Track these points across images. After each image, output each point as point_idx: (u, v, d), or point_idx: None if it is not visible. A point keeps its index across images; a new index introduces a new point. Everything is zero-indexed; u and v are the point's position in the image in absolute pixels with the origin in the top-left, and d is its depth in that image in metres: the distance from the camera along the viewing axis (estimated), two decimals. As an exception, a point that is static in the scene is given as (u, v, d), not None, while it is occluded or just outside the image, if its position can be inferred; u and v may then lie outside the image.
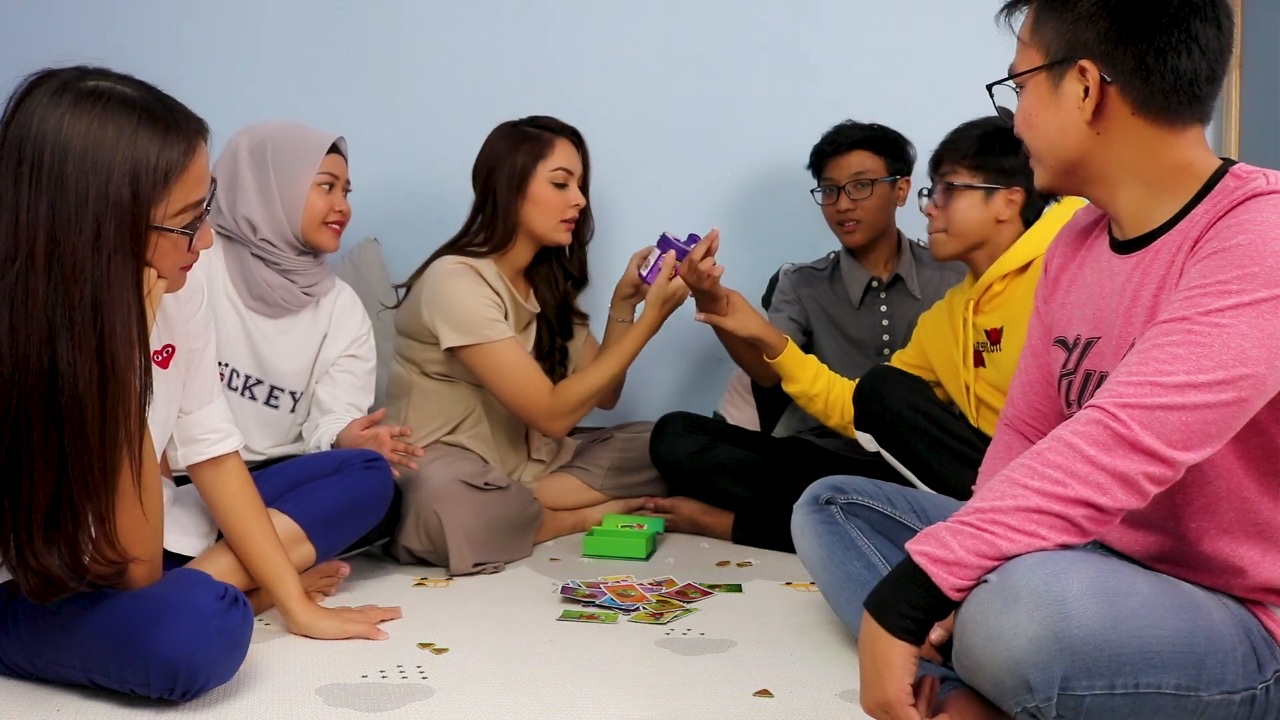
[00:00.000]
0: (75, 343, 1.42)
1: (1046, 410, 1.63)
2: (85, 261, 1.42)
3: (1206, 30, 1.36)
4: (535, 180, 2.59)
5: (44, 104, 1.43)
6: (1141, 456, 1.24)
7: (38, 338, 1.41)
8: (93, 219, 1.42)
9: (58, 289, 1.41)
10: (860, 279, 2.83)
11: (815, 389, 2.57)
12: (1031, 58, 1.43)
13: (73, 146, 1.42)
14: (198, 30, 3.14)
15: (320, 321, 2.42)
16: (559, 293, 2.76)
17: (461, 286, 2.54)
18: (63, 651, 1.61)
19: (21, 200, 1.41)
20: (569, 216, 2.63)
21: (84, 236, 1.42)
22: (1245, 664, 1.31)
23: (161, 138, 1.46)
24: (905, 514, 1.83)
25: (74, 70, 1.48)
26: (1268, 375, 1.25)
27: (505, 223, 2.61)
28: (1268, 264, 1.25)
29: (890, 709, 1.29)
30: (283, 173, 2.31)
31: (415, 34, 3.16)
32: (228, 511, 1.90)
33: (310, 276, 2.37)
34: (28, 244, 1.41)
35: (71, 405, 1.42)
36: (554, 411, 2.56)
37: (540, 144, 2.61)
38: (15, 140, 1.43)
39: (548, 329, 2.75)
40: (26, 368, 1.41)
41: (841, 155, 2.76)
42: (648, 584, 2.25)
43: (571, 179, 2.63)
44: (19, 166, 1.42)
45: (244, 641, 1.63)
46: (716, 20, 3.14)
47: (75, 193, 1.42)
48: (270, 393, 2.38)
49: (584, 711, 1.63)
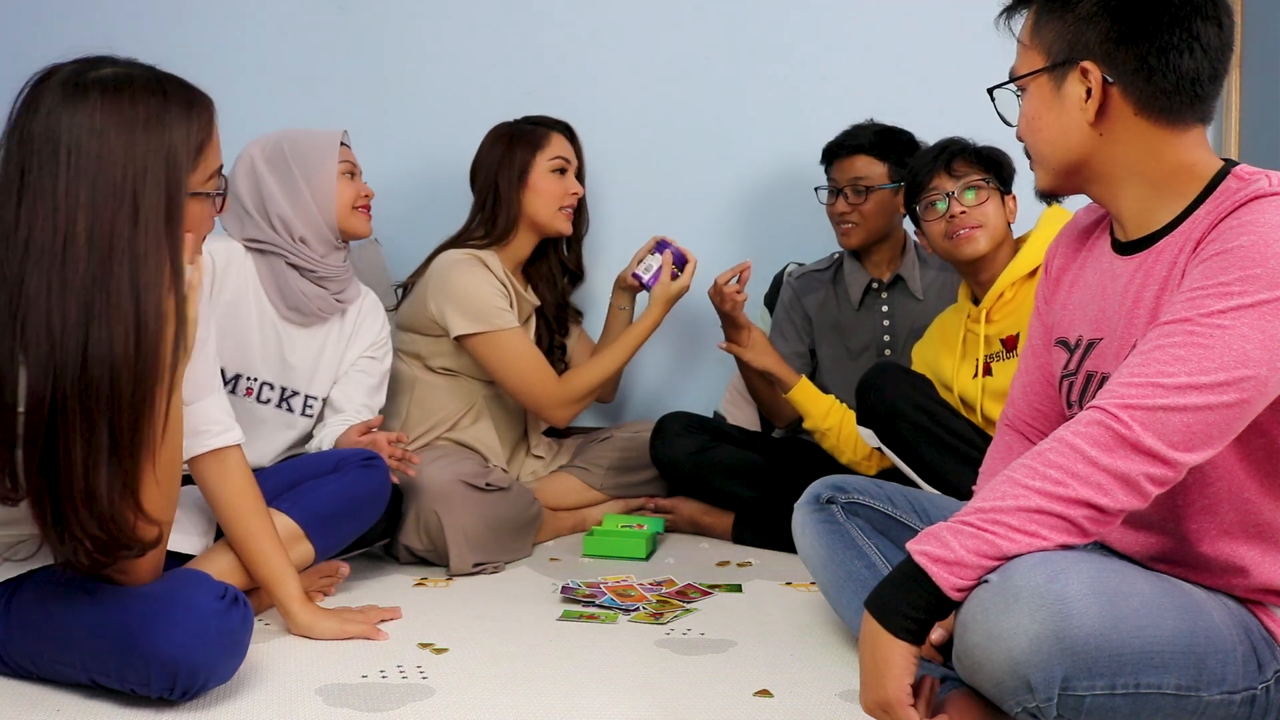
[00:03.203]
0: (111, 314, 1.48)
1: (1047, 411, 1.63)
2: (123, 235, 1.49)
3: (1208, 29, 1.36)
4: (535, 169, 2.68)
5: (69, 98, 1.50)
6: (1143, 458, 1.24)
7: (75, 316, 1.47)
8: (131, 193, 1.50)
9: (96, 264, 1.48)
10: (861, 280, 2.83)
11: (827, 424, 2.66)
12: (1032, 60, 1.43)
13: (108, 131, 1.50)
14: (198, 30, 3.13)
15: (347, 327, 2.45)
16: (557, 289, 2.83)
17: (471, 275, 2.58)
18: (64, 650, 1.61)
19: (60, 187, 1.48)
20: (568, 204, 2.71)
21: (123, 211, 1.50)
22: (1245, 664, 1.31)
23: (186, 112, 1.56)
24: (906, 513, 1.83)
25: (81, 63, 1.55)
26: (1269, 377, 1.25)
27: (507, 214, 2.68)
28: (1270, 266, 1.25)
29: (890, 709, 1.29)
30: (306, 168, 2.34)
31: (415, 34, 3.16)
32: (229, 509, 1.90)
33: (341, 283, 2.40)
34: (67, 226, 1.48)
35: (103, 374, 1.48)
36: (561, 400, 2.61)
37: (537, 136, 2.70)
38: (46, 134, 1.49)
39: (546, 325, 2.80)
40: (65, 341, 1.46)
41: (846, 158, 2.77)
42: (648, 584, 2.25)
43: (569, 167, 2.72)
44: (55, 157, 1.48)
45: (244, 641, 1.63)
46: (716, 20, 3.14)
47: (113, 173, 1.50)
48: (305, 403, 2.40)
49: (584, 711, 1.63)
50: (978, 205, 2.33)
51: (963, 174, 2.35)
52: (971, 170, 2.35)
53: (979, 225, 2.32)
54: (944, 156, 2.37)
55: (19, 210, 1.48)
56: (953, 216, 2.33)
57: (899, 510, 1.83)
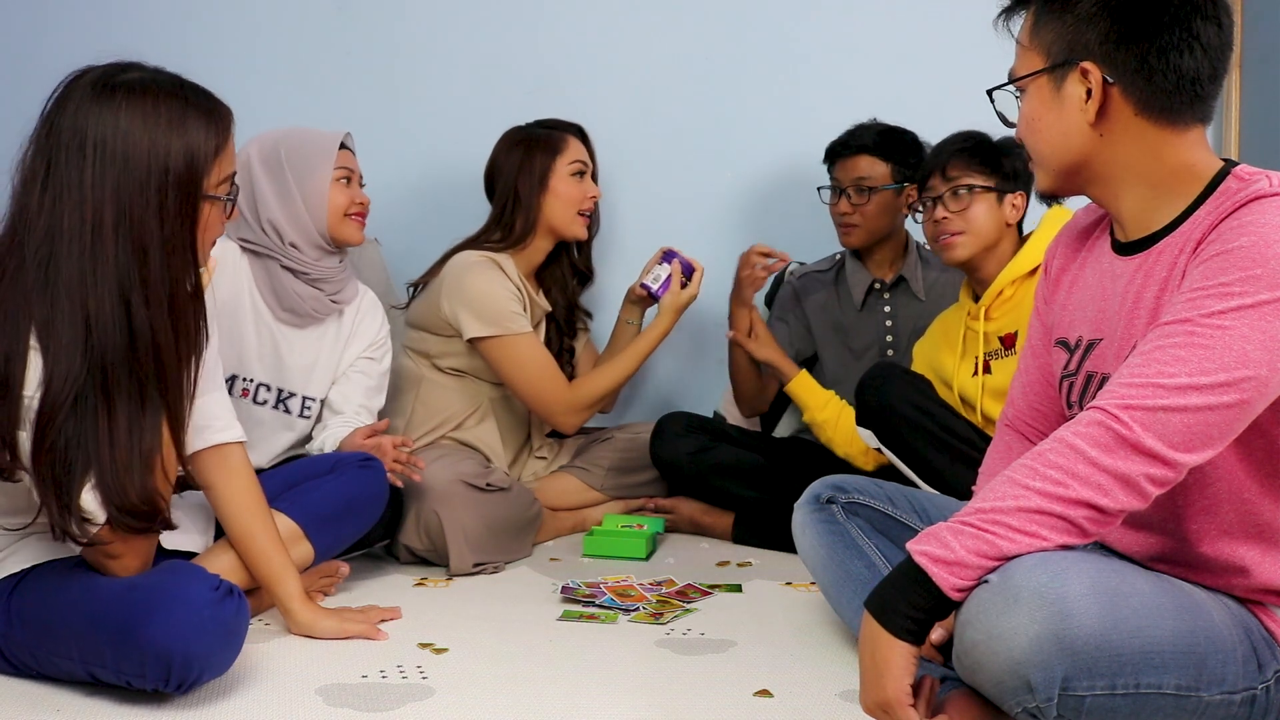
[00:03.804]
0: (150, 300, 1.59)
1: (1047, 411, 1.63)
2: (154, 229, 1.60)
3: (1208, 28, 1.36)
4: (555, 174, 2.67)
5: (98, 97, 1.59)
6: (1143, 458, 1.24)
7: (110, 301, 1.57)
8: (156, 191, 1.60)
9: (128, 255, 1.58)
10: (863, 281, 2.83)
11: (823, 415, 2.68)
12: (1032, 61, 1.43)
13: (133, 130, 1.59)
14: (198, 30, 3.13)
15: (344, 328, 2.44)
16: (568, 292, 2.83)
17: (486, 278, 2.58)
18: (62, 644, 1.62)
19: (86, 181, 1.57)
20: (586, 208, 2.71)
21: (150, 208, 1.59)
22: (1245, 664, 1.31)
23: (206, 118, 1.65)
24: (906, 513, 1.83)
25: (113, 66, 1.64)
26: (1269, 377, 1.25)
27: (526, 218, 2.67)
28: (1270, 266, 1.25)
29: (890, 709, 1.29)
30: (300, 173, 2.32)
31: (415, 34, 3.16)
32: (230, 507, 1.90)
33: (336, 284, 2.39)
34: (94, 216, 1.57)
35: (148, 356, 1.60)
36: (572, 406, 2.62)
37: (555, 140, 2.70)
38: (74, 129, 1.58)
39: (556, 328, 2.81)
40: (104, 326, 1.56)
41: (849, 158, 2.76)
42: (648, 584, 2.25)
43: (587, 170, 2.73)
44: (81, 151, 1.58)
45: (239, 633, 1.63)
46: (719, 20, 3.14)
47: (138, 169, 1.59)
48: (303, 404, 2.39)
49: (584, 711, 1.63)
50: (962, 211, 2.32)
51: (955, 176, 2.34)
52: (966, 173, 2.34)
53: (960, 232, 2.33)
54: (943, 157, 2.37)
55: (43, 198, 1.57)
56: (937, 221, 2.35)
57: (899, 510, 1.83)
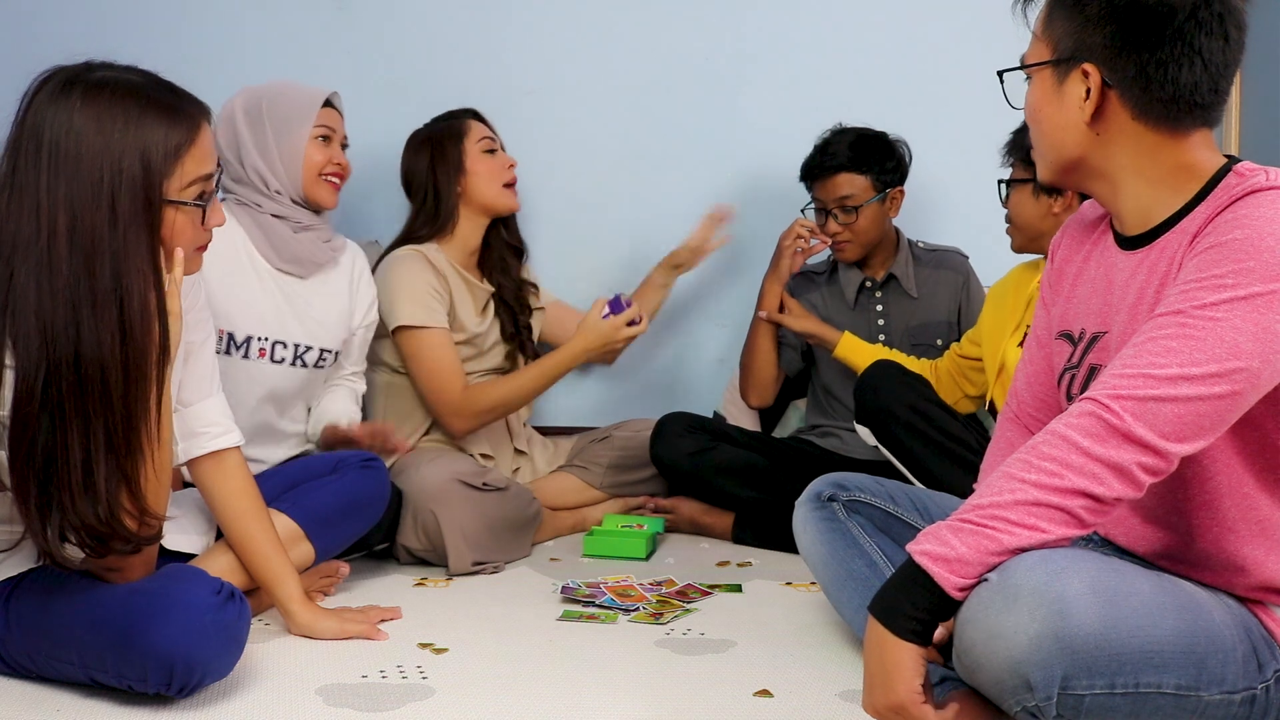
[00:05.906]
0: (98, 313, 1.51)
1: (1052, 402, 1.62)
2: (103, 237, 1.52)
3: (1212, 43, 1.35)
4: (469, 155, 2.71)
5: (56, 96, 1.53)
6: (1134, 447, 1.24)
7: (63, 312, 1.50)
8: (108, 195, 1.52)
9: (79, 264, 1.51)
10: (855, 279, 2.85)
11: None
12: (1040, 51, 1.43)
13: (86, 132, 1.52)
14: (197, 29, 3.13)
15: (344, 278, 2.44)
16: (511, 270, 2.83)
17: (406, 270, 2.61)
18: (62, 647, 1.61)
19: (42, 184, 1.51)
20: (510, 179, 2.74)
21: (101, 213, 1.52)
22: (1245, 664, 1.31)
23: (167, 117, 1.57)
24: (907, 512, 1.83)
25: (81, 65, 1.58)
26: (1261, 369, 1.25)
27: (445, 204, 2.70)
28: (1263, 259, 1.25)
29: (903, 711, 1.28)
30: (279, 128, 2.32)
31: (415, 34, 3.16)
32: (229, 511, 1.90)
33: (325, 232, 2.40)
34: (49, 224, 1.51)
35: (95, 372, 1.51)
36: (461, 410, 2.61)
37: (456, 127, 2.75)
38: (33, 131, 1.53)
39: (506, 309, 2.80)
40: (55, 340, 1.49)
41: (827, 178, 2.74)
42: (648, 584, 2.25)
43: (497, 145, 2.76)
44: (38, 154, 1.52)
45: (241, 637, 1.63)
46: (715, 21, 3.13)
47: (90, 173, 1.52)
48: (319, 356, 2.39)
49: (584, 711, 1.63)
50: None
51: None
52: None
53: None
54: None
55: (10, 204, 1.52)
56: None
57: (900, 508, 1.83)
